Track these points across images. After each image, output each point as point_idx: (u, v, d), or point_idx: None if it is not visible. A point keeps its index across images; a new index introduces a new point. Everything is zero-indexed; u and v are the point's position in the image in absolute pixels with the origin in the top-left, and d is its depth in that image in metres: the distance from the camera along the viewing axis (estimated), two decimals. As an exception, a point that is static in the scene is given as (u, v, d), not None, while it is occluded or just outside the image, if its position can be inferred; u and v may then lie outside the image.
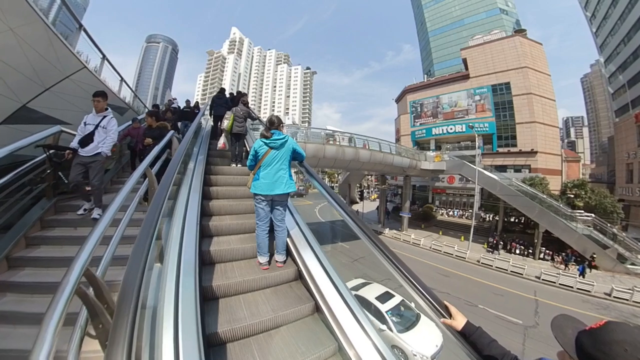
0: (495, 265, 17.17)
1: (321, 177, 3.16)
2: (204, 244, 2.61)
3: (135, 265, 1.16)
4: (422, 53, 52.94)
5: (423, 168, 24.74)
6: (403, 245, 22.81)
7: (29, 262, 2.96)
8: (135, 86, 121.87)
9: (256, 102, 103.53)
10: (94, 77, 6.46)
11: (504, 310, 11.55)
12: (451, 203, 35.40)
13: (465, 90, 34.80)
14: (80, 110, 5.83)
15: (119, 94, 8.72)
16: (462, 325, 1.26)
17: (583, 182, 22.60)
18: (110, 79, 8.38)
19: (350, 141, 17.95)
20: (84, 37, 6.39)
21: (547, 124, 30.12)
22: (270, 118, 2.77)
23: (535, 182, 22.71)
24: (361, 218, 2.34)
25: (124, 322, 0.90)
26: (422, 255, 19.94)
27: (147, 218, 1.53)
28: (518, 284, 14.81)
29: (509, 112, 31.54)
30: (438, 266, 17.44)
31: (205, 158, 4.69)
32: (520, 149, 30.23)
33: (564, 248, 18.29)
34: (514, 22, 42.41)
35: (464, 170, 23.49)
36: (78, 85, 5.87)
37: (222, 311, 2.05)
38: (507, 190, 20.66)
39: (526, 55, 31.38)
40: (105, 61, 7.39)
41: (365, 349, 1.79)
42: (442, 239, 24.56)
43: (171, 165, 2.49)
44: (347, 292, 2.19)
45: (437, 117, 37.13)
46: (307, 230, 2.96)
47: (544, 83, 31.09)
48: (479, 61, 34.51)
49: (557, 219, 17.84)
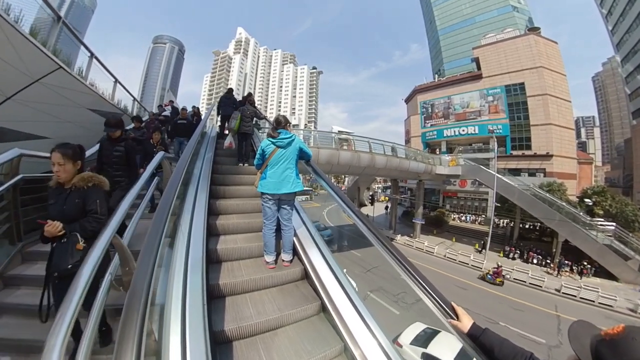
0: (513, 277, 16.75)
1: (328, 177, 3.19)
2: (211, 243, 2.67)
3: (145, 265, 1.20)
4: (432, 52, 52.63)
5: (438, 173, 24.21)
6: (416, 253, 22.34)
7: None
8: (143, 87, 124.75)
9: (262, 102, 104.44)
10: (76, 80, 5.40)
11: (526, 327, 11.25)
12: (462, 207, 34.92)
13: (478, 90, 34.45)
14: (58, 120, 5.20)
15: (112, 97, 7.80)
16: (469, 327, 1.26)
17: (604, 190, 21.94)
18: (104, 81, 7.50)
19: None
20: (67, 34, 5.34)
21: (562, 126, 29.56)
22: (277, 117, 2.83)
23: (553, 188, 22.06)
24: (373, 223, 2.33)
25: (134, 318, 0.94)
26: (436, 264, 19.47)
27: (155, 221, 1.58)
28: (538, 298, 14.42)
29: (523, 114, 31.08)
30: (454, 277, 17.05)
31: (212, 157, 4.76)
32: (535, 152, 29.71)
33: (583, 258, 17.76)
34: (527, 19, 41.75)
35: (481, 176, 22.93)
36: (53, 90, 4.87)
37: (228, 309, 2.10)
38: (525, 198, 20.04)
39: (541, 54, 30.89)
40: (93, 59, 6.45)
41: (371, 350, 1.80)
42: (455, 246, 24.14)
43: (178, 168, 2.54)
44: (353, 292, 2.21)
45: (448, 118, 36.80)
46: (313, 230, 3.00)
47: (559, 83, 30.54)
48: (492, 60, 34.16)
49: (578, 229, 17.28)
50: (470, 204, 34.27)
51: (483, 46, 35.78)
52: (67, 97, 5.18)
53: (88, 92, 5.81)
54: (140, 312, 0.97)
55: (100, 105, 6.66)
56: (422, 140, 39.26)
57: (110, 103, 7.40)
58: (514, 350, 1.07)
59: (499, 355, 1.09)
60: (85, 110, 6.05)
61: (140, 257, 1.27)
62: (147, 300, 1.04)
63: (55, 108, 5.09)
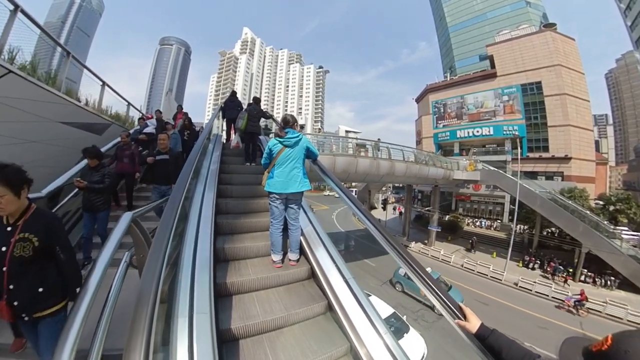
0: (535, 290, 16.17)
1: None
2: (218, 242, 2.75)
3: (153, 267, 1.26)
4: (442, 50, 52.00)
5: (456, 178, 23.51)
6: (432, 262, 21.34)
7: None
8: (150, 88, 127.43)
9: (269, 102, 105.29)
10: (39, 88, 4.18)
11: (553, 348, 10.64)
12: (476, 210, 34.35)
13: (492, 89, 34.02)
14: (15, 141, 4.23)
15: (99, 103, 6.86)
16: (477, 327, 1.27)
17: (628, 197, 21.28)
18: (91, 86, 6.66)
19: (377, 149, 16.22)
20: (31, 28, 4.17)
21: (581, 127, 28.93)
22: (285, 117, 2.90)
23: (575, 195, 21.41)
24: (386, 228, 2.33)
25: (143, 316, 1.00)
26: (454, 275, 18.51)
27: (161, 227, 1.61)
28: (562, 314, 13.83)
29: (540, 114, 30.55)
30: (474, 290, 16.34)
31: (219, 157, 4.87)
32: (552, 154, 29.11)
33: (605, 268, 17.15)
34: (541, 15, 40.88)
35: (502, 182, 22.20)
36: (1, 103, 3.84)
37: (235, 308, 2.16)
38: (548, 206, 19.28)
39: (558, 51, 30.37)
40: (70, 59, 5.29)
41: (378, 351, 1.84)
42: (471, 254, 23.58)
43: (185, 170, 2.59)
44: (360, 291, 2.25)
45: (461, 119, 36.39)
46: (320, 229, 3.05)
47: (577, 82, 29.93)
48: (507, 58, 33.73)
49: (603, 239, 16.61)
50: (484, 207, 33.68)
51: (497, 43, 35.38)
52: (25, 111, 4.12)
53: (59, 101, 4.68)
54: (149, 310, 1.02)
55: (80, 115, 5.54)
56: (434, 141, 38.84)
57: (94, 113, 6.13)
58: (522, 352, 1.09)
59: (507, 357, 1.11)
60: (57, 124, 4.90)
61: (148, 258, 1.31)
62: (156, 298, 1.09)
63: (5, 126, 3.98)
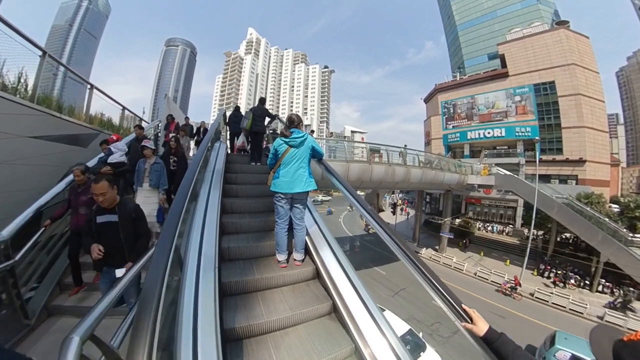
0: (551, 302, 15.79)
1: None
2: (223, 241, 2.81)
3: (157, 269, 1.28)
4: (450, 49, 51.52)
5: (469, 183, 23.02)
6: (443, 270, 21.07)
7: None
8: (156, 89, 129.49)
9: (274, 102, 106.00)
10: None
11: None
12: (487, 214, 33.86)
13: (504, 89, 33.53)
14: None
15: (86, 109, 6.07)
16: (485, 331, 1.29)
17: None
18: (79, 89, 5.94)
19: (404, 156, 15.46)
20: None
21: (596, 128, 28.29)
22: (290, 116, 2.95)
23: (592, 201, 20.73)
24: (396, 232, 2.31)
25: (147, 314, 1.03)
26: (467, 284, 18.20)
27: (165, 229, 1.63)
28: (580, 327, 13.26)
29: (553, 115, 29.99)
30: (488, 301, 15.89)
31: (225, 157, 4.95)
32: (567, 157, 28.55)
33: (624, 279, 16.57)
34: (552, 12, 40.16)
35: (518, 188, 21.52)
36: None
37: (239, 307, 2.19)
38: (566, 212, 18.63)
39: (572, 50, 29.82)
40: (47, 58, 4.41)
41: (382, 352, 1.85)
42: (484, 261, 23.09)
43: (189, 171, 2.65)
44: (365, 292, 2.27)
45: (472, 120, 35.93)
46: (325, 229, 3.08)
47: (592, 82, 29.29)
48: (519, 57, 33.28)
49: (622, 247, 16.04)
50: (495, 211, 33.10)
51: (509, 42, 34.91)
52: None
53: (25, 111, 3.98)
54: (153, 309, 1.06)
55: (57, 127, 4.68)
56: (444, 142, 38.48)
57: (75, 123, 5.24)
58: (527, 358, 1.12)
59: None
60: (26, 139, 4.02)
61: (154, 259, 1.33)
62: (160, 297, 1.13)
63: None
